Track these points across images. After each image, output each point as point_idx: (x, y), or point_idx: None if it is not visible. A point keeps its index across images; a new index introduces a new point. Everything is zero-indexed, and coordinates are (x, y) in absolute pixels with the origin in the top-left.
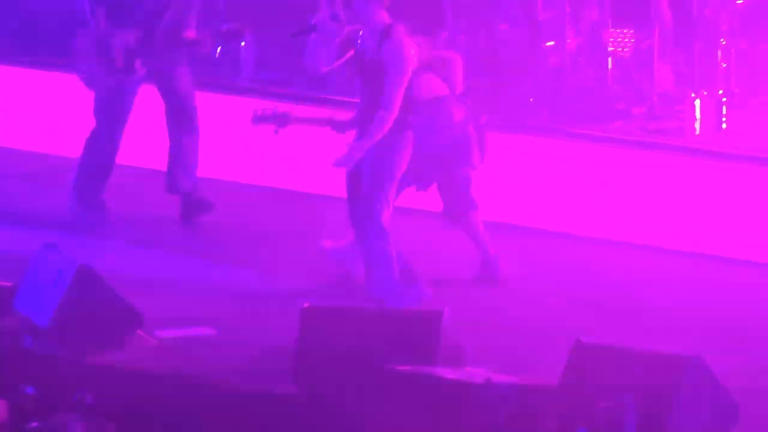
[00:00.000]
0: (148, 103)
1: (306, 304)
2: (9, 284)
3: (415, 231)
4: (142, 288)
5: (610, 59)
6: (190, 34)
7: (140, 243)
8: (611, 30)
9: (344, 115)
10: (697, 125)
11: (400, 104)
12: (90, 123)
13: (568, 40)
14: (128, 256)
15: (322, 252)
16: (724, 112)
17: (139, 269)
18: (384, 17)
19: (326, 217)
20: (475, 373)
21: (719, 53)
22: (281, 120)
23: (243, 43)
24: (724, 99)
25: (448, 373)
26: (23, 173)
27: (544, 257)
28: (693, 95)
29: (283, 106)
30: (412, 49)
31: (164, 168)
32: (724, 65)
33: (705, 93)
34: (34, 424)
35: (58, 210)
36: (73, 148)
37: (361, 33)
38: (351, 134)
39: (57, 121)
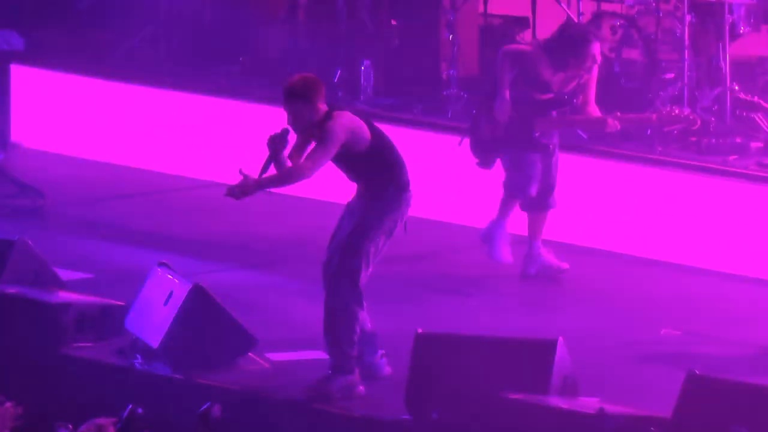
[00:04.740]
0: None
1: (419, 331)
2: (121, 303)
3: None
4: (255, 310)
5: (728, 93)
6: None
7: (255, 266)
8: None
9: None
10: None
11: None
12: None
13: (687, 73)
14: (243, 278)
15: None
16: None
17: (253, 291)
18: (324, 107)
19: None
20: (588, 404)
21: None
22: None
23: (363, 68)
24: None
25: (562, 403)
26: (145, 192)
27: (660, 287)
28: None
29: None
30: (348, 127)
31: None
32: None
33: None
34: None
35: (174, 230)
36: (191, 169)
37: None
38: None
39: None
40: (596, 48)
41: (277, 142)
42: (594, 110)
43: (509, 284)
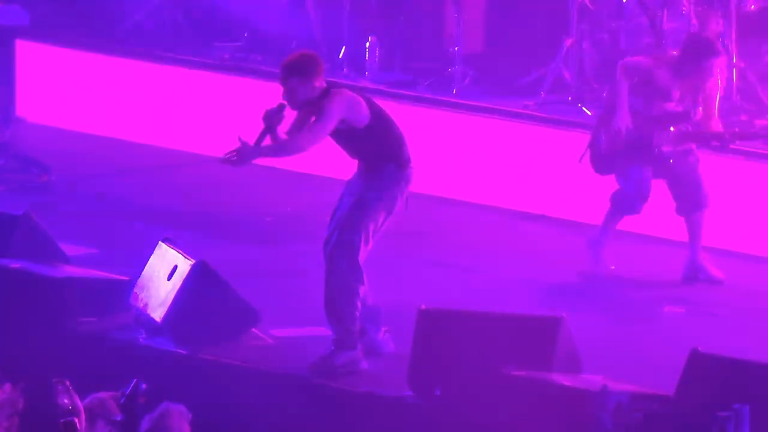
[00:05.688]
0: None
1: (423, 307)
2: (126, 278)
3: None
4: (258, 286)
5: (734, 71)
6: None
7: (260, 241)
8: (735, 42)
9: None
10: None
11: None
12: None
13: None
14: (247, 254)
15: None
16: None
17: (257, 267)
18: (322, 84)
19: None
20: (591, 380)
21: None
22: None
23: (368, 44)
24: None
25: (565, 380)
26: (149, 167)
27: (664, 265)
28: None
29: None
30: (346, 103)
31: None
32: None
33: None
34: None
35: (178, 205)
36: (190, 143)
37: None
38: None
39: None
40: (721, 61)
41: (272, 117)
42: (715, 125)
43: (512, 261)
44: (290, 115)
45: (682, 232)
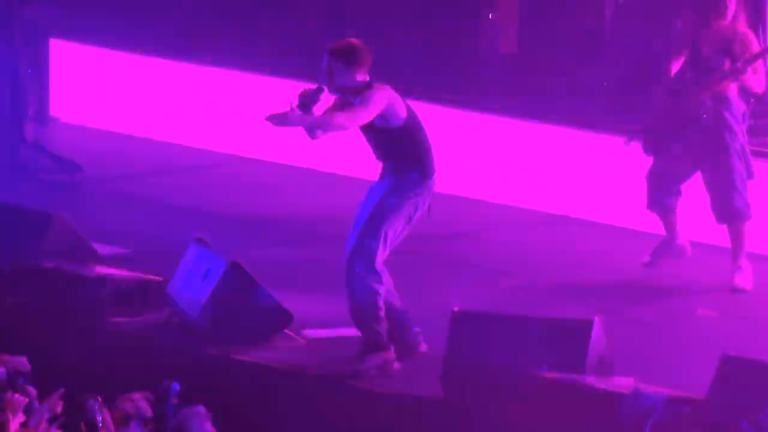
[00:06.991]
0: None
1: (456, 309)
2: (158, 278)
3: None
4: (291, 286)
5: None
6: None
7: (292, 242)
8: None
9: None
10: None
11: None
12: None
13: None
14: (279, 254)
15: None
16: None
17: (290, 268)
18: (365, 77)
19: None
20: (623, 383)
21: None
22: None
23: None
24: None
25: (597, 382)
26: (182, 167)
27: (697, 268)
28: None
29: None
30: (388, 98)
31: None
32: None
33: None
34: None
35: (211, 205)
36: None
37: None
38: None
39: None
40: None
41: (308, 96)
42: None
43: (546, 263)
44: (325, 102)
45: (716, 235)
